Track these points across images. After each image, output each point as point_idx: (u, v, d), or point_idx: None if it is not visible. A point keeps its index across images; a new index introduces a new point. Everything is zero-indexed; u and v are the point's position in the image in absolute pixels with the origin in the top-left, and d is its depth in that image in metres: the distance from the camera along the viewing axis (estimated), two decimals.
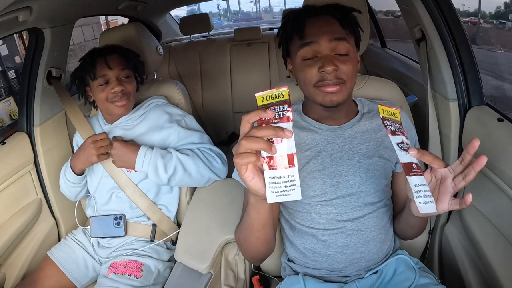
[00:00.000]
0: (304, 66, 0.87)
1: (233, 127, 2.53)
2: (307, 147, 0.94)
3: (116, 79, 1.22)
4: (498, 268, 0.95)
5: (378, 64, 2.19)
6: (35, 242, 1.38)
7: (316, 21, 0.88)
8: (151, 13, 2.49)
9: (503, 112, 1.07)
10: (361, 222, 0.90)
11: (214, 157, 1.27)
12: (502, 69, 2.98)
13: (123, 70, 1.24)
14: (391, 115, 0.69)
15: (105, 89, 1.22)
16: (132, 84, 1.26)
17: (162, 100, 1.36)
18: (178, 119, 1.29)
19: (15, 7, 0.97)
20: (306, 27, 0.87)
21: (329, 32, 0.85)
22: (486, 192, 1.06)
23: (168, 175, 1.19)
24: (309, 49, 0.86)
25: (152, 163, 1.18)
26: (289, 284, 0.95)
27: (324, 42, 0.85)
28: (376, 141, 0.93)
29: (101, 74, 1.21)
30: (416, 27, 1.21)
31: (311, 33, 0.86)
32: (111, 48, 1.27)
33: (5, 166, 1.28)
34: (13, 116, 3.13)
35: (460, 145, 1.17)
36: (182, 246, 1.12)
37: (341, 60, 0.85)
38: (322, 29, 0.86)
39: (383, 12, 3.29)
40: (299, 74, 0.89)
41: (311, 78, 0.86)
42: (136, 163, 1.18)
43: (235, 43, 2.51)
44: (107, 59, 1.22)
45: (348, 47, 0.86)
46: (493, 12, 3.67)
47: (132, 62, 1.28)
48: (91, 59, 1.23)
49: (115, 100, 1.22)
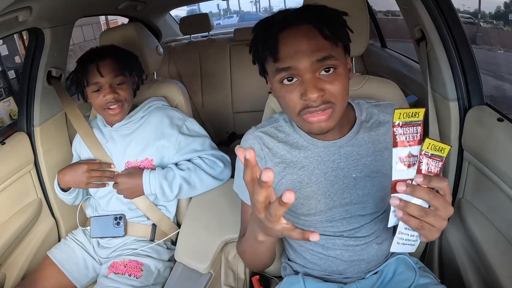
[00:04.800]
0: (284, 92, 0.74)
1: (233, 127, 2.53)
2: (300, 165, 0.87)
3: (109, 86, 1.18)
4: (498, 268, 0.95)
5: (378, 64, 2.19)
6: (35, 242, 1.38)
7: (292, 37, 0.71)
8: (151, 13, 2.49)
9: (503, 112, 1.06)
10: (359, 230, 0.89)
11: (216, 161, 1.27)
12: (502, 69, 2.98)
13: (116, 77, 1.20)
14: (413, 116, 0.58)
15: (98, 96, 1.20)
16: (126, 91, 1.22)
17: (163, 102, 1.35)
18: (178, 124, 1.27)
19: (15, 7, 0.97)
20: (279, 45, 0.71)
21: (309, 52, 0.70)
22: (486, 192, 1.06)
23: (175, 194, 1.22)
24: (287, 74, 0.72)
25: (158, 185, 1.20)
26: (289, 284, 0.94)
27: (303, 66, 0.71)
28: (375, 155, 0.85)
29: (93, 82, 1.18)
30: (416, 27, 1.21)
31: (287, 56, 0.71)
32: (104, 52, 1.22)
33: (5, 166, 1.28)
34: (13, 116, 3.13)
35: (460, 145, 1.17)
36: (182, 246, 1.12)
37: (327, 80, 0.72)
38: (300, 48, 0.70)
39: (383, 12, 3.29)
40: (279, 99, 0.78)
41: (294, 106, 0.74)
42: (144, 190, 1.22)
43: (235, 43, 2.51)
44: (99, 65, 1.17)
45: (335, 63, 0.72)
46: (493, 12, 3.67)
47: (127, 66, 1.24)
48: (82, 67, 1.19)
49: (108, 107, 1.20)
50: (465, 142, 1.14)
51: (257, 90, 2.38)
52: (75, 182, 1.24)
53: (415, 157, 0.60)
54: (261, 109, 1.20)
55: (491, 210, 1.05)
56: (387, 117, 0.89)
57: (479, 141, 1.08)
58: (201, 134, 1.31)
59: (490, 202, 1.06)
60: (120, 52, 1.25)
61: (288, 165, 0.88)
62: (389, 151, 0.59)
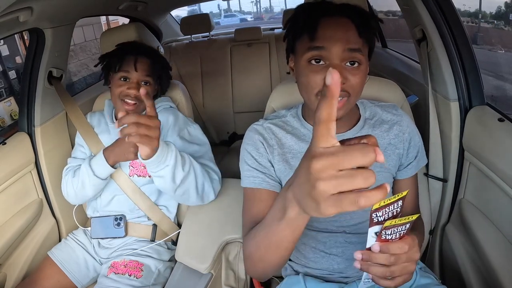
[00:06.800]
0: (308, 71, 0.78)
1: (233, 127, 2.53)
2: None
3: (136, 81, 1.21)
4: (498, 269, 0.95)
5: (379, 64, 2.19)
6: (36, 242, 1.38)
7: (332, 23, 0.77)
8: (151, 13, 2.49)
9: (504, 112, 1.06)
10: (361, 227, 0.90)
11: (212, 173, 1.19)
12: (503, 69, 2.98)
13: (146, 76, 1.23)
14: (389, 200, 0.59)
15: (122, 85, 1.21)
16: (148, 91, 1.24)
17: (170, 103, 1.36)
18: (180, 127, 1.26)
19: (16, 7, 0.97)
20: (319, 27, 0.76)
21: (344, 40, 0.75)
22: (487, 193, 1.06)
23: (184, 175, 1.05)
24: (318, 54, 0.77)
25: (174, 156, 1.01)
26: (290, 284, 0.95)
27: (336, 50, 0.75)
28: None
29: (124, 70, 1.21)
30: (416, 27, 1.21)
31: (324, 37, 0.76)
32: (145, 50, 1.26)
33: (5, 166, 1.28)
34: (13, 116, 3.14)
35: (461, 145, 1.17)
36: (183, 246, 1.12)
37: (351, 71, 0.76)
38: (337, 34, 0.76)
39: (384, 12, 3.29)
40: (302, 78, 0.81)
41: (314, 86, 0.78)
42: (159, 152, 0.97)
43: (236, 43, 2.51)
44: (137, 60, 1.21)
45: (361, 58, 0.77)
46: (493, 12, 3.67)
47: (158, 72, 1.27)
48: (121, 53, 1.22)
49: (126, 99, 1.21)
50: (465, 142, 1.14)
51: (258, 90, 2.39)
52: (123, 153, 1.14)
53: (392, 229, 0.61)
54: (262, 109, 1.20)
55: (492, 210, 1.05)
56: (390, 116, 0.93)
57: (479, 141, 1.08)
58: (203, 142, 1.28)
59: (491, 202, 1.06)
60: (158, 57, 1.29)
61: (295, 155, 0.90)
62: (392, 146, 0.59)
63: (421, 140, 0.96)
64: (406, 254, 0.62)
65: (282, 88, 1.18)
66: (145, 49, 1.26)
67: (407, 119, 0.93)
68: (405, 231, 0.62)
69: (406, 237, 0.62)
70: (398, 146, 0.91)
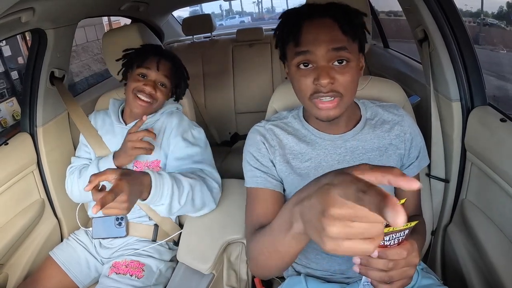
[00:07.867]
0: (299, 75, 0.80)
1: (235, 127, 2.53)
2: (307, 157, 0.91)
3: (154, 80, 1.23)
4: (500, 269, 0.95)
5: (380, 65, 2.19)
6: (38, 242, 1.39)
7: (314, 26, 0.78)
8: (153, 14, 2.50)
9: (506, 112, 1.06)
10: None
11: (211, 182, 1.16)
12: (505, 69, 2.97)
13: (164, 77, 1.25)
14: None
15: (139, 80, 1.22)
16: (162, 94, 1.25)
17: (177, 105, 1.37)
18: (185, 128, 1.26)
19: (17, 8, 0.97)
20: (302, 32, 0.78)
21: (327, 41, 0.76)
22: (489, 193, 1.06)
23: (180, 207, 1.05)
24: (304, 58, 0.78)
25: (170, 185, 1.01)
26: (291, 284, 0.95)
27: (320, 52, 0.77)
28: (379, 150, 0.90)
29: (145, 67, 1.22)
30: (418, 28, 1.21)
31: (307, 41, 0.77)
32: (168, 54, 1.28)
33: (8, 166, 1.29)
34: (16, 116, 3.14)
35: (463, 145, 1.16)
36: (184, 246, 1.12)
37: (339, 70, 0.77)
38: (320, 36, 0.77)
39: (385, 13, 3.28)
40: (294, 83, 0.84)
41: (305, 90, 0.80)
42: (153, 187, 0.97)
43: (238, 43, 2.51)
44: (160, 61, 1.23)
45: (349, 56, 0.78)
46: (495, 12, 3.66)
47: (176, 76, 1.29)
48: (144, 52, 1.25)
49: (140, 96, 1.22)
50: (467, 142, 1.14)
51: (259, 91, 2.39)
52: (127, 157, 1.18)
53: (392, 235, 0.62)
54: (264, 110, 1.20)
55: (493, 211, 1.05)
56: (391, 116, 0.93)
57: (481, 142, 1.08)
58: (205, 145, 1.27)
59: (493, 203, 1.05)
60: (180, 65, 1.33)
61: (295, 156, 0.91)
62: (394, 147, 0.60)
63: (423, 140, 0.96)
64: (405, 260, 0.63)
65: (284, 89, 1.17)
66: (168, 54, 1.29)
67: (408, 119, 0.93)
68: (403, 237, 0.63)
69: (405, 243, 0.63)
70: (400, 146, 0.91)
